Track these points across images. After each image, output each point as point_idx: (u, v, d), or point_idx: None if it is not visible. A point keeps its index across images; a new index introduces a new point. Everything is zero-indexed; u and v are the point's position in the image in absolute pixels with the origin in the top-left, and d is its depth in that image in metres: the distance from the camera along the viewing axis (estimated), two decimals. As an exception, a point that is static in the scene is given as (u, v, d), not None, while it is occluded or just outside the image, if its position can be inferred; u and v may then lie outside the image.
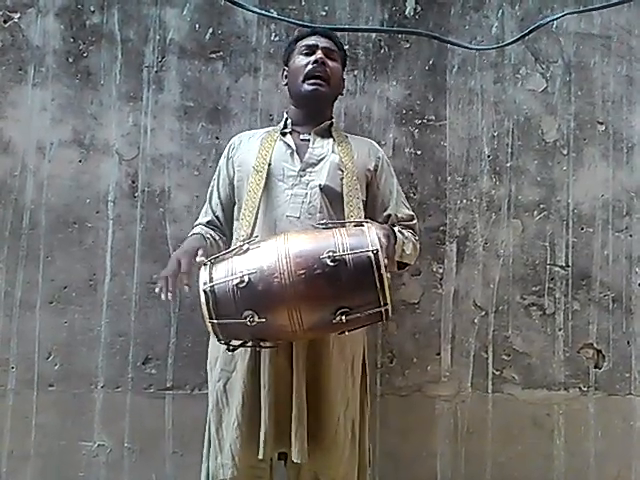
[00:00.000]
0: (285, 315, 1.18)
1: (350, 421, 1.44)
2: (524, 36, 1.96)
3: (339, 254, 1.17)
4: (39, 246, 1.82)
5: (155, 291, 1.36)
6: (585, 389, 1.94)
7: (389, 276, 1.23)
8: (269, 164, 1.47)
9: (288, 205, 1.44)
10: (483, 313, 1.93)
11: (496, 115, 1.98)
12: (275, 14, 1.92)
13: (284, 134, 1.55)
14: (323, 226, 1.31)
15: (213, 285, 1.20)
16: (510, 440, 1.91)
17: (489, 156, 1.97)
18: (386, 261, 1.20)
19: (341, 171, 1.47)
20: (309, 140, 1.53)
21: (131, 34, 1.89)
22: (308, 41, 1.55)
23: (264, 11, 1.90)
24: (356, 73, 1.94)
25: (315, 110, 1.56)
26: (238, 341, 1.28)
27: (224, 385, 1.44)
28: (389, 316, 1.22)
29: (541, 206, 1.97)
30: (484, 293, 1.93)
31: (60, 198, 1.84)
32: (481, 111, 1.98)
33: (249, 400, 1.39)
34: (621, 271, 1.97)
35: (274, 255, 1.20)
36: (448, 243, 1.93)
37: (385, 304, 1.18)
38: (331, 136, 1.56)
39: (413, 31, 1.95)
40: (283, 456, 1.46)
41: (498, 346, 1.92)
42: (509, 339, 1.93)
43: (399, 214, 1.55)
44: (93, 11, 1.89)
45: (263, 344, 1.28)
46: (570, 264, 1.96)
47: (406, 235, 1.51)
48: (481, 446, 1.90)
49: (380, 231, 1.29)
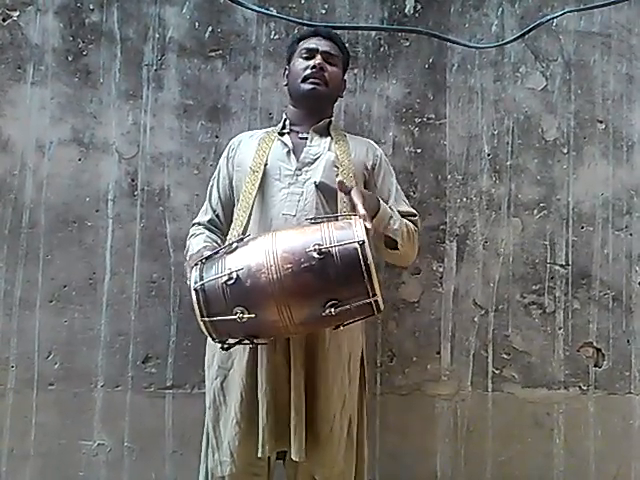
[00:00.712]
0: (274, 310, 1.18)
1: (347, 419, 1.44)
2: (524, 34, 1.95)
3: (325, 247, 1.17)
4: (39, 245, 1.82)
5: None
6: (585, 388, 1.94)
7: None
8: (265, 164, 1.48)
9: (284, 204, 1.45)
10: (483, 312, 1.93)
11: (496, 113, 1.98)
12: (275, 12, 1.91)
13: (282, 134, 1.56)
14: (312, 221, 1.31)
15: (203, 283, 1.21)
16: (510, 439, 1.91)
17: (489, 155, 1.97)
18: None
19: (337, 168, 1.48)
20: (307, 139, 1.54)
21: (130, 32, 1.89)
22: (309, 44, 1.56)
23: (264, 9, 1.90)
24: (356, 71, 1.93)
25: (313, 109, 1.56)
26: (232, 339, 1.28)
27: (221, 383, 1.44)
28: (380, 308, 1.22)
29: (541, 205, 1.97)
30: (484, 292, 1.93)
31: (60, 197, 1.84)
32: (481, 109, 1.98)
33: (247, 397, 1.39)
34: (621, 270, 1.97)
35: (262, 251, 1.20)
36: (448, 242, 1.93)
37: (374, 295, 1.18)
38: (329, 134, 1.57)
39: (413, 29, 1.95)
40: (281, 454, 1.46)
41: (498, 345, 1.92)
42: (509, 338, 1.93)
43: (400, 209, 1.53)
44: (92, 9, 1.88)
45: (257, 340, 1.28)
46: (570, 263, 1.96)
47: (397, 213, 1.47)
48: (481, 445, 1.90)
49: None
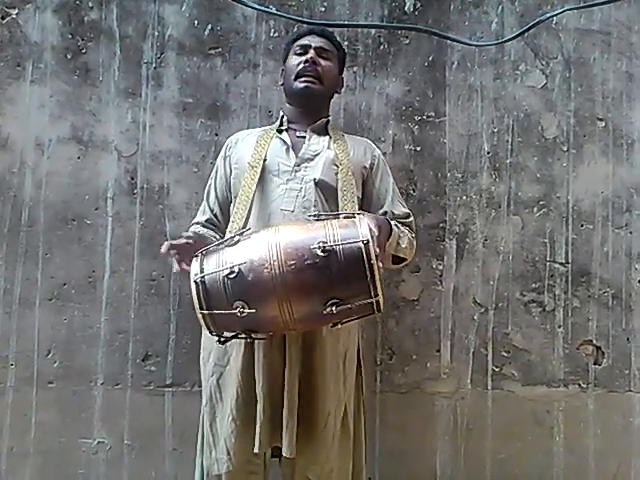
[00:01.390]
0: (275, 306, 1.17)
1: (340, 416, 1.44)
2: (524, 32, 1.94)
3: (329, 244, 1.16)
4: (38, 243, 1.82)
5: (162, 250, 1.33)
6: (585, 386, 1.94)
7: (381, 264, 1.21)
8: (264, 160, 1.48)
9: (282, 199, 1.45)
10: (483, 310, 1.93)
11: (496, 111, 1.98)
12: (274, 10, 1.91)
13: (280, 131, 1.56)
14: (315, 218, 1.31)
15: (204, 276, 1.20)
16: (510, 437, 1.91)
17: (489, 153, 1.97)
18: (377, 250, 1.19)
19: (336, 166, 1.48)
20: (305, 137, 1.54)
21: (130, 30, 1.89)
22: (302, 41, 1.57)
23: (263, 7, 1.89)
24: (355, 69, 1.93)
25: (309, 107, 1.57)
26: (230, 333, 1.27)
27: (217, 380, 1.44)
28: (381, 308, 1.21)
29: (541, 203, 1.97)
30: (484, 290, 1.93)
31: (59, 195, 1.84)
32: (481, 107, 1.97)
33: (244, 394, 1.39)
34: (621, 268, 1.97)
35: (264, 246, 1.19)
36: (448, 240, 1.93)
37: (376, 295, 1.17)
38: (327, 133, 1.57)
39: (412, 27, 1.95)
40: (277, 452, 1.44)
41: (498, 343, 1.92)
42: (509, 336, 1.93)
43: (395, 211, 1.55)
44: (91, 7, 1.88)
45: (255, 335, 1.27)
46: (570, 261, 1.96)
47: (402, 229, 1.50)
48: (481, 443, 1.90)
49: (372, 221, 1.27)
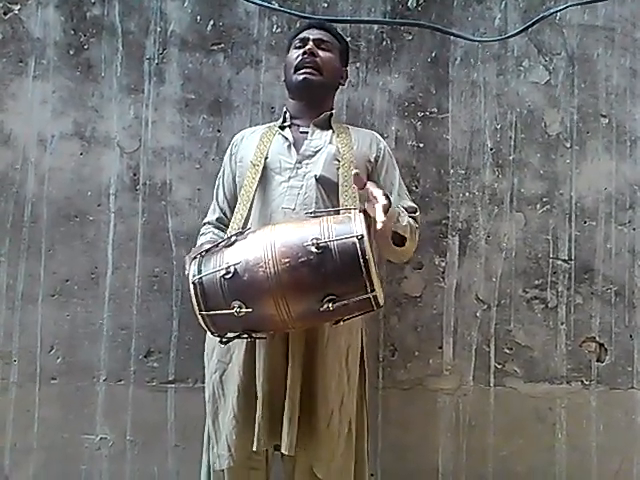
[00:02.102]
0: (272, 304, 1.17)
1: (346, 415, 1.43)
2: (527, 28, 1.94)
3: (323, 241, 1.16)
4: (41, 239, 1.82)
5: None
6: (587, 383, 1.94)
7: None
8: (266, 157, 1.47)
9: (284, 197, 1.44)
10: (485, 306, 1.92)
11: (499, 108, 1.97)
12: (276, 6, 1.91)
13: (283, 128, 1.55)
14: (312, 215, 1.30)
15: (201, 277, 1.20)
16: (512, 434, 1.91)
17: (492, 149, 1.96)
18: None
19: (337, 161, 1.47)
20: (308, 132, 1.53)
21: (132, 26, 1.88)
22: (302, 35, 1.56)
23: (266, 3, 1.90)
24: (358, 65, 1.93)
25: (311, 100, 1.55)
26: (231, 333, 1.27)
27: (220, 376, 1.44)
28: (379, 304, 1.21)
29: (544, 199, 1.96)
30: (486, 286, 1.93)
31: (61, 191, 1.84)
32: (484, 104, 1.97)
33: (244, 391, 1.38)
34: (624, 264, 1.97)
35: (260, 245, 1.20)
36: (450, 236, 1.93)
37: (372, 290, 1.17)
38: (331, 127, 1.56)
39: (415, 23, 1.94)
40: (280, 448, 1.45)
41: (500, 340, 1.92)
42: (511, 332, 1.92)
43: (402, 204, 1.51)
44: (94, 3, 1.88)
45: (255, 335, 1.27)
46: (573, 257, 1.95)
47: (402, 209, 1.46)
48: (483, 439, 1.90)
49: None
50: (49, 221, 1.83)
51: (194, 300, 1.20)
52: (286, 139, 1.51)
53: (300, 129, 1.54)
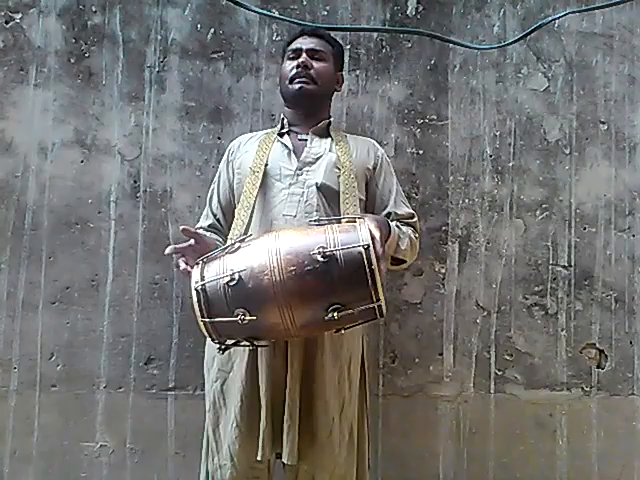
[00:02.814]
0: (276, 313, 1.16)
1: (347, 423, 1.43)
2: (526, 35, 1.95)
3: (330, 250, 1.15)
4: (41, 247, 1.82)
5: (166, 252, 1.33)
6: (587, 389, 1.94)
7: (383, 268, 1.21)
8: (266, 164, 1.47)
9: (285, 204, 1.44)
10: (485, 313, 1.93)
11: (498, 115, 1.98)
12: (277, 14, 1.92)
13: (282, 135, 1.55)
14: (316, 223, 1.29)
15: (204, 284, 1.19)
16: (512, 440, 1.91)
17: (491, 156, 1.97)
18: (380, 251, 1.18)
19: (338, 169, 1.47)
20: (307, 140, 1.53)
21: (133, 34, 1.89)
22: (294, 44, 1.56)
23: (266, 11, 1.90)
24: (358, 73, 1.94)
25: (307, 109, 1.55)
26: (232, 340, 1.27)
27: (221, 385, 1.43)
28: (383, 313, 1.20)
29: (543, 206, 1.97)
30: (486, 293, 1.93)
31: (62, 198, 1.84)
32: (483, 111, 1.98)
33: (247, 401, 1.38)
34: (624, 271, 1.97)
35: (264, 252, 1.18)
36: (450, 243, 1.93)
37: (377, 300, 1.16)
38: (329, 135, 1.56)
39: (415, 31, 1.95)
40: (281, 456, 1.44)
41: (500, 346, 1.92)
42: (511, 339, 1.92)
43: (399, 212, 1.53)
44: (95, 11, 1.89)
45: (257, 343, 1.27)
46: (572, 264, 1.96)
47: (403, 230, 1.48)
48: (483, 446, 1.90)
49: (372, 222, 1.26)
50: (50, 229, 1.83)
51: (197, 307, 1.19)
52: (286, 146, 1.51)
53: (299, 136, 1.54)
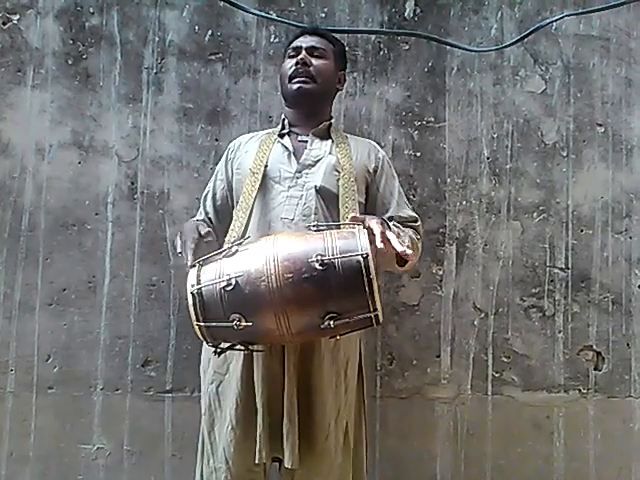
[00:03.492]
0: (272, 319, 1.16)
1: (342, 427, 1.42)
2: (523, 38, 1.96)
3: (328, 258, 1.14)
4: (38, 248, 1.82)
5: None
6: (585, 391, 1.94)
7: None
8: (266, 166, 1.46)
9: (283, 207, 1.43)
10: (483, 315, 1.93)
11: (495, 117, 1.98)
12: (274, 16, 1.92)
13: (282, 136, 1.54)
14: (315, 228, 1.28)
15: (200, 287, 1.18)
16: (510, 442, 1.91)
17: (488, 158, 1.97)
18: (382, 247, 1.18)
19: (337, 172, 1.46)
20: (307, 141, 1.52)
21: (130, 36, 1.89)
22: (295, 43, 1.56)
23: (263, 13, 1.91)
24: (355, 75, 1.94)
25: (307, 109, 1.55)
26: (227, 344, 1.26)
27: (217, 388, 1.43)
28: (379, 321, 1.20)
29: (540, 208, 1.97)
30: (484, 295, 1.93)
31: (59, 200, 1.84)
32: (480, 113, 1.98)
33: (243, 404, 1.37)
34: (621, 273, 1.97)
35: (262, 258, 1.17)
36: (448, 245, 1.93)
37: (375, 309, 1.16)
38: (330, 137, 1.55)
39: (412, 33, 1.96)
40: (278, 460, 1.44)
41: (498, 348, 1.92)
42: (509, 341, 1.93)
43: (401, 215, 1.52)
44: (92, 13, 1.89)
45: (252, 347, 1.27)
46: (570, 266, 1.96)
47: (404, 230, 1.47)
48: (481, 448, 1.90)
49: (372, 219, 1.26)
50: (47, 230, 1.83)
51: (192, 311, 1.18)
52: (286, 148, 1.50)
53: (299, 137, 1.53)
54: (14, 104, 1.84)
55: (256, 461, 1.34)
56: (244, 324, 1.15)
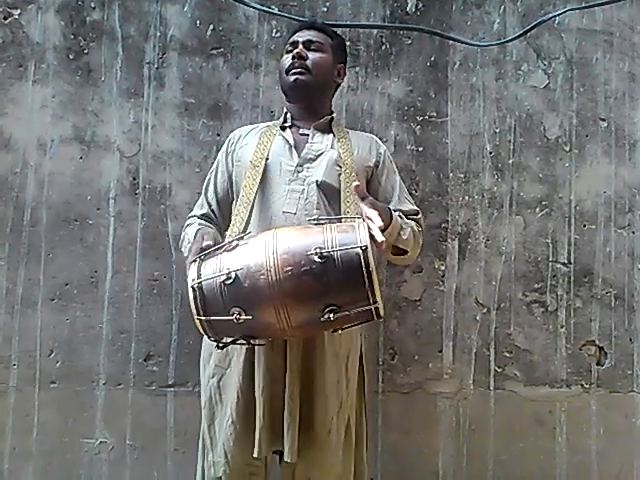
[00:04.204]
0: (272, 312, 1.16)
1: (344, 422, 1.42)
2: (526, 32, 1.95)
3: (327, 250, 1.14)
4: (40, 243, 1.82)
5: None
6: (587, 386, 1.94)
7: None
8: (267, 159, 1.45)
9: (284, 201, 1.42)
10: (485, 310, 1.92)
11: (498, 112, 1.97)
12: (276, 10, 1.91)
13: (283, 128, 1.53)
14: (315, 222, 1.28)
15: (201, 282, 1.19)
16: (512, 437, 1.91)
17: (491, 153, 1.96)
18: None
19: (339, 167, 1.45)
20: (308, 135, 1.51)
21: (132, 30, 1.89)
22: (293, 38, 1.55)
23: (265, 7, 1.90)
24: (357, 69, 1.93)
25: (307, 102, 1.53)
26: (228, 338, 1.26)
27: (218, 381, 1.42)
28: (380, 315, 1.20)
29: (543, 203, 1.96)
30: (486, 290, 1.93)
31: (61, 195, 1.84)
32: (483, 107, 1.97)
33: (244, 398, 1.37)
34: (623, 268, 1.97)
35: (262, 251, 1.18)
36: (450, 240, 1.93)
37: (374, 302, 1.16)
38: (331, 131, 1.54)
39: (415, 27, 1.95)
40: (279, 452, 1.43)
41: (500, 343, 1.92)
42: (511, 336, 1.92)
43: (403, 209, 1.51)
44: (94, 7, 1.88)
45: (253, 341, 1.27)
46: (572, 261, 1.96)
47: (406, 221, 1.46)
48: (483, 443, 1.90)
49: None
50: (49, 225, 1.83)
51: (193, 305, 1.19)
52: (287, 141, 1.49)
53: (300, 131, 1.52)
54: (15, 99, 1.84)
55: (255, 455, 1.34)
56: (244, 317, 1.15)
